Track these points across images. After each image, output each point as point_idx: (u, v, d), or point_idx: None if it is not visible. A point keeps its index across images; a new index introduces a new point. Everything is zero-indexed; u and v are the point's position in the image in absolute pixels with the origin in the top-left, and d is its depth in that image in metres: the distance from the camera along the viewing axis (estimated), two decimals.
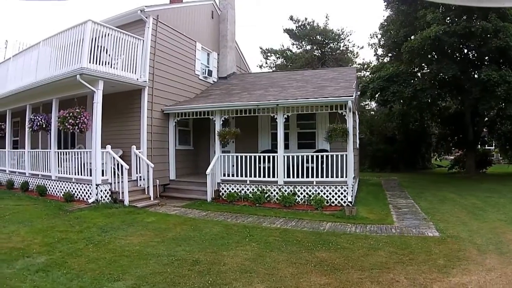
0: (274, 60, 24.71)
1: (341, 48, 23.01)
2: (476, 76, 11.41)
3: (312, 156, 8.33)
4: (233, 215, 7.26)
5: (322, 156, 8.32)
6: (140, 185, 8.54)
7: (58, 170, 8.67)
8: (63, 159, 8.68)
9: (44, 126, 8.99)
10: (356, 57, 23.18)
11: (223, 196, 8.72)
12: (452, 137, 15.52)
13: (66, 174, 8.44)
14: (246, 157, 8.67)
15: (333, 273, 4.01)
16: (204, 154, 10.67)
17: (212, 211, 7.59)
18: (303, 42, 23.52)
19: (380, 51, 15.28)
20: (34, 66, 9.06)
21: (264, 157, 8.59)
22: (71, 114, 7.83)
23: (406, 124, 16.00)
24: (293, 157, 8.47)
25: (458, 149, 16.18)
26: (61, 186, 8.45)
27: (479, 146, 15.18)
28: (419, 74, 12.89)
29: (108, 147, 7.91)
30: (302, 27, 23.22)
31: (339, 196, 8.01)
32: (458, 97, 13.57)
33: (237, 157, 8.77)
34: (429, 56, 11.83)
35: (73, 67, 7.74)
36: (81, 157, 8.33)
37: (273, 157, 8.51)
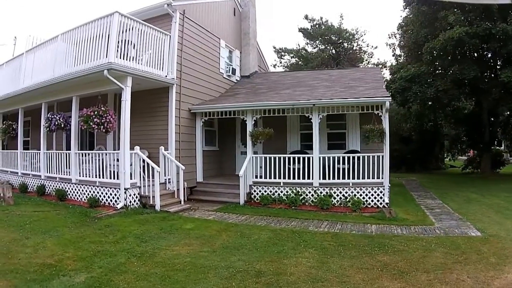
0: (288, 59, 24.06)
1: (354, 48, 22.51)
2: (494, 77, 11.02)
3: (349, 157, 7.83)
4: (273, 219, 6.70)
5: (358, 157, 7.78)
6: (168, 188, 7.72)
7: (79, 173, 7.75)
8: (84, 161, 7.78)
9: (62, 125, 8.06)
10: (371, 57, 22.81)
11: (255, 199, 8.06)
12: (467, 138, 15.21)
13: (89, 177, 7.55)
14: (279, 158, 8.00)
15: (402, 277, 3.81)
16: (229, 155, 9.94)
17: (250, 215, 6.95)
18: (317, 42, 22.88)
19: (398, 51, 14.88)
20: (51, 62, 8.11)
21: (298, 158, 7.97)
22: (96, 112, 6.95)
23: (421, 124, 15.63)
24: (328, 158, 7.89)
25: (472, 150, 15.87)
26: (83, 190, 7.56)
27: (493, 147, 14.93)
28: (440, 75, 12.43)
29: (137, 148, 7.08)
30: (317, 26, 22.59)
31: (375, 198, 7.58)
32: (473, 97, 13.20)
33: (270, 158, 8.06)
34: (449, 57, 11.38)
35: (99, 62, 6.89)
36: (103, 159, 7.46)
37: (308, 158, 7.89)
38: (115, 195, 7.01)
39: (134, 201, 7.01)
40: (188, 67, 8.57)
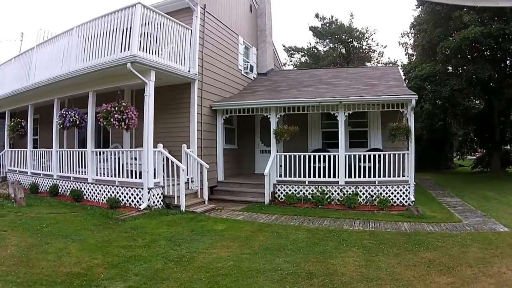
0: (298, 58, 23.57)
1: (364, 47, 22.18)
2: (506, 76, 10.83)
3: (374, 155, 7.52)
4: (304, 218, 6.34)
5: (384, 155, 7.46)
6: (191, 188, 7.19)
7: (96, 172, 7.14)
8: (100, 159, 7.18)
9: (78, 122, 7.45)
10: (381, 56, 22.54)
11: (279, 198, 7.64)
12: (477, 137, 15.03)
13: (107, 176, 6.96)
14: (304, 156, 7.59)
15: (449, 272, 3.77)
16: (248, 154, 9.47)
17: (279, 215, 6.55)
18: (326, 41, 22.44)
19: (410, 50, 14.59)
20: (65, 55, 7.52)
21: (324, 156, 7.57)
22: (116, 108, 6.38)
23: (431, 123, 15.39)
24: (354, 156, 7.52)
25: (481, 149, 15.69)
26: (101, 191, 6.98)
27: (503, 146, 14.80)
28: (455, 74, 12.20)
29: (160, 145, 6.54)
30: (327, 25, 22.15)
31: (401, 196, 7.35)
32: (484, 97, 13.01)
33: (294, 156, 7.62)
34: (464, 56, 11.14)
35: (120, 55, 6.33)
36: (119, 157, 6.89)
37: (334, 156, 7.50)
38: (137, 195, 6.45)
39: (158, 201, 6.47)
40: (209, 63, 8.07)
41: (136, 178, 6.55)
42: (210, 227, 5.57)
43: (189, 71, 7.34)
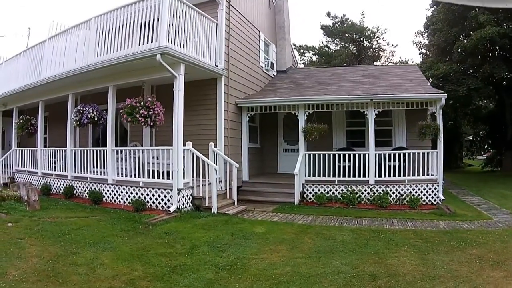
0: (310, 57, 23.06)
1: (374, 46, 21.86)
2: None
3: (404, 154, 7.21)
4: (341, 218, 6.00)
5: (413, 154, 7.17)
6: (218, 188, 6.57)
7: (117, 172, 6.46)
8: (119, 158, 6.51)
9: (96, 119, 6.74)
10: (393, 55, 22.30)
11: (307, 198, 7.22)
12: (488, 137, 14.87)
13: (129, 176, 6.30)
14: (334, 155, 7.16)
15: (500, 267, 3.72)
16: (271, 153, 8.95)
17: (314, 215, 6.20)
18: (336, 40, 22.04)
19: (425, 50, 14.28)
20: (82, 48, 6.82)
21: (354, 155, 7.19)
22: (142, 103, 5.75)
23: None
24: (384, 155, 7.15)
25: (492, 148, 15.54)
26: (124, 192, 6.31)
27: None
28: (471, 74, 11.98)
29: (189, 144, 5.93)
30: (339, 24, 21.75)
31: (430, 195, 7.11)
32: (495, 96, 12.85)
33: (323, 155, 7.15)
34: (480, 56, 10.94)
35: (147, 46, 5.71)
36: (139, 156, 6.26)
37: (364, 155, 7.12)
38: (165, 196, 5.82)
39: (187, 203, 5.87)
40: (234, 58, 7.53)
41: (162, 178, 5.92)
42: (249, 230, 5.08)
43: (216, 66, 6.76)
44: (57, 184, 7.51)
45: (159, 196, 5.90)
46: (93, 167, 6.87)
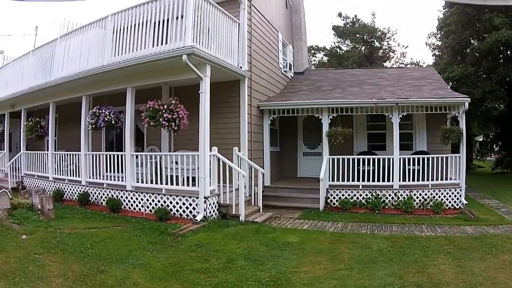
0: (321, 57, 22.57)
1: (384, 47, 21.48)
2: None
3: (428, 158, 6.94)
4: (370, 225, 5.75)
5: (437, 158, 6.93)
6: (245, 194, 6.14)
7: (136, 178, 5.99)
8: (137, 163, 6.02)
9: (113, 122, 6.25)
10: (404, 56, 22.03)
11: (331, 203, 6.90)
12: (499, 138, 14.61)
13: (150, 183, 5.85)
14: (358, 160, 6.88)
15: None
16: (290, 156, 8.56)
17: (343, 222, 5.96)
18: (347, 41, 21.62)
19: (438, 51, 13.95)
20: (98, 47, 6.32)
21: (378, 159, 6.92)
22: (166, 106, 5.29)
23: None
24: (408, 159, 6.85)
25: (502, 150, 15.31)
26: (144, 199, 5.85)
27: None
28: (486, 76, 11.72)
29: (215, 149, 5.50)
30: (350, 24, 21.32)
31: (452, 199, 6.89)
32: (506, 98, 12.59)
33: (348, 160, 6.81)
34: (494, 59, 10.68)
35: (172, 46, 5.26)
36: (157, 161, 5.80)
37: (388, 159, 6.86)
38: (190, 205, 5.39)
39: (213, 211, 5.46)
40: (256, 59, 7.11)
41: (186, 185, 5.47)
42: (282, 239, 4.78)
43: (241, 68, 6.32)
44: (71, 190, 7.00)
45: (183, 204, 5.46)
46: (110, 172, 6.38)
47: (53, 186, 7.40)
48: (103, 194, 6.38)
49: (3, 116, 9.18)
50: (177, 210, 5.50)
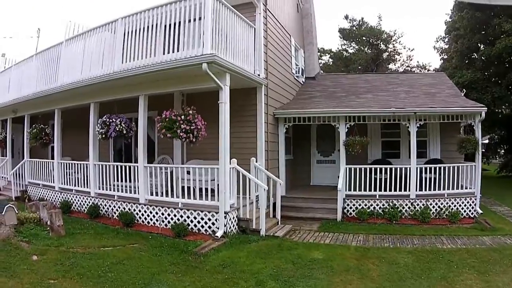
0: (327, 60, 22.01)
1: (389, 50, 21.11)
2: None
3: (444, 168, 6.77)
4: (391, 237, 5.56)
5: (453, 167, 6.77)
6: (259, 206, 5.85)
7: (151, 191, 5.64)
8: (154, 174, 5.68)
9: (124, 132, 5.87)
10: (410, 59, 21.59)
11: (348, 214, 6.70)
12: (504, 141, 14.47)
13: (165, 196, 5.52)
14: (375, 169, 6.70)
15: None
16: (304, 164, 8.29)
17: (364, 234, 5.74)
18: (352, 43, 21.24)
19: (446, 55, 13.71)
20: (107, 52, 5.94)
21: (395, 169, 6.72)
22: (183, 116, 4.94)
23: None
24: (425, 168, 6.68)
25: (508, 153, 15.17)
26: (159, 213, 5.52)
27: None
28: (495, 81, 11.56)
29: (234, 161, 5.18)
30: (356, 27, 20.93)
31: (467, 208, 6.75)
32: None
33: (364, 169, 6.62)
34: (503, 64, 10.51)
35: (189, 53, 4.89)
36: (170, 172, 5.48)
37: (405, 168, 6.65)
38: (209, 220, 5.09)
39: (233, 225, 5.18)
40: (271, 66, 6.80)
41: (206, 199, 5.15)
42: (308, 256, 4.61)
43: (258, 75, 5.99)
44: (79, 201, 6.62)
45: (202, 219, 5.14)
46: (121, 182, 6.01)
47: (59, 197, 7.00)
48: (114, 207, 6.02)
49: (5, 122, 8.70)
50: (195, 225, 5.18)
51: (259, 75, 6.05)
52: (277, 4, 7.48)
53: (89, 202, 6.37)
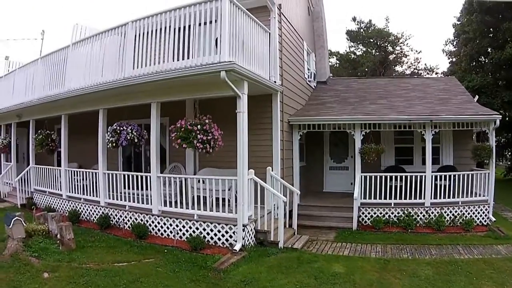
0: (335, 62, 21.58)
1: (396, 52, 20.84)
2: None
3: (459, 175, 6.62)
4: (409, 247, 5.41)
5: (467, 175, 6.63)
6: (275, 216, 5.65)
7: (163, 202, 5.40)
8: (168, 183, 5.44)
9: (136, 140, 5.62)
10: (418, 62, 21.28)
11: (363, 222, 6.54)
12: (510, 145, 14.35)
13: (179, 207, 5.29)
14: (391, 177, 6.55)
15: None
16: (316, 171, 8.11)
17: (381, 244, 5.56)
18: (360, 45, 20.93)
19: (454, 59, 13.52)
20: (116, 57, 5.62)
21: (411, 176, 6.56)
22: (199, 126, 4.70)
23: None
24: (440, 176, 6.56)
25: None
26: (173, 225, 5.30)
27: None
28: (504, 86, 11.41)
29: (251, 172, 4.96)
30: (364, 29, 20.60)
31: (481, 216, 6.64)
32: None
33: (380, 177, 6.45)
34: None
35: (205, 59, 4.64)
36: (181, 180, 5.27)
37: (421, 176, 6.50)
38: (226, 232, 4.88)
39: (251, 238, 4.98)
40: (286, 71, 6.56)
41: (223, 211, 4.95)
42: (329, 270, 4.48)
43: (275, 82, 5.76)
44: (88, 210, 6.36)
45: (219, 231, 4.93)
46: (132, 189, 5.75)
47: (67, 205, 6.74)
48: (126, 217, 5.78)
49: (9, 126, 8.38)
50: (212, 238, 4.96)
51: (275, 82, 5.82)
52: (290, 7, 7.23)
53: (98, 212, 6.12)
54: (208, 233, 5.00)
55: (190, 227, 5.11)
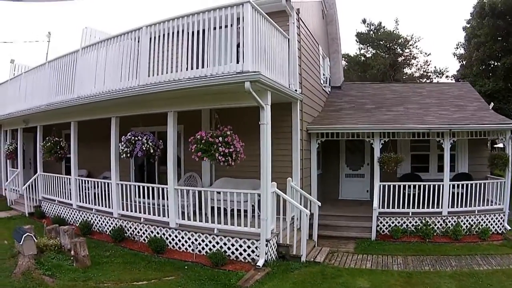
0: (345, 65, 21.15)
1: (405, 54, 20.46)
2: None
3: (476, 184, 6.48)
4: (429, 258, 5.31)
5: (484, 184, 6.53)
6: (297, 229, 5.43)
7: (181, 214, 5.16)
8: (186, 195, 5.19)
9: (152, 151, 5.34)
10: (428, 65, 20.86)
11: (381, 231, 6.38)
12: None
13: (198, 221, 5.03)
14: (409, 186, 6.36)
15: None
16: (332, 178, 7.90)
17: (401, 256, 5.45)
18: (369, 47, 20.64)
19: (464, 62, 13.29)
20: (130, 63, 5.34)
21: (429, 186, 6.45)
22: (221, 138, 4.44)
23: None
24: (457, 185, 6.47)
25: None
26: (192, 239, 5.06)
27: None
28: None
29: (274, 184, 4.72)
30: (374, 31, 20.32)
31: (496, 224, 6.56)
32: None
33: (399, 186, 6.22)
34: None
35: (227, 68, 4.37)
36: (199, 191, 5.04)
37: (439, 186, 6.34)
38: (248, 247, 4.66)
39: (273, 252, 4.76)
40: (305, 78, 6.31)
41: (245, 225, 4.70)
42: (354, 285, 4.30)
43: (295, 91, 5.50)
44: (100, 221, 6.09)
45: (240, 246, 4.71)
46: (147, 199, 5.48)
47: (78, 216, 6.47)
48: (141, 230, 5.52)
49: (15, 131, 8.04)
50: (233, 253, 4.75)
51: (296, 90, 5.57)
52: (307, 12, 6.94)
53: (112, 224, 5.86)
54: (229, 248, 4.78)
55: (210, 241, 4.88)
